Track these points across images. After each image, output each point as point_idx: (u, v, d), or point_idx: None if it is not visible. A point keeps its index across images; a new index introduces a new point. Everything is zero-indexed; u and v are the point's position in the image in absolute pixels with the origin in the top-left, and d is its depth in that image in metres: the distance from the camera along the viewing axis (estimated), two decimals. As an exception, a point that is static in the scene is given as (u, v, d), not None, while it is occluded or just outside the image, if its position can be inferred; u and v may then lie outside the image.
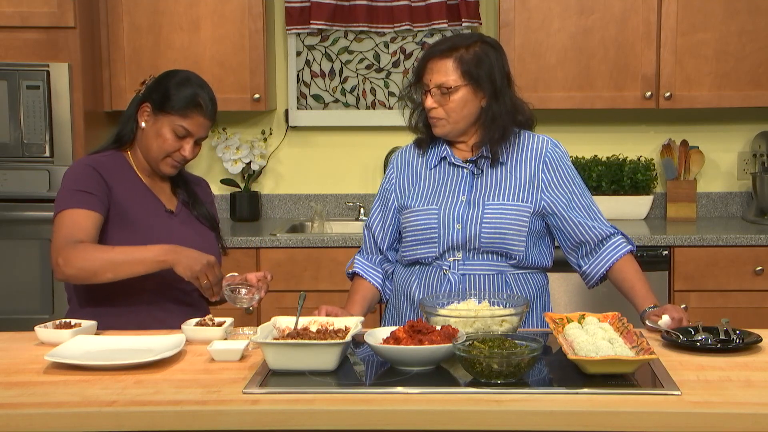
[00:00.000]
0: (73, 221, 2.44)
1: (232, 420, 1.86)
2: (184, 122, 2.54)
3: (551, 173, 2.60)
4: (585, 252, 2.63)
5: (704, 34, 4.10)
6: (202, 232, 2.67)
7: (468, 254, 2.57)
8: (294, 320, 2.27)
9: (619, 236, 2.63)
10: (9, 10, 3.91)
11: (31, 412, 1.87)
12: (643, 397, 1.91)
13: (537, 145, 2.62)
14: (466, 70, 2.53)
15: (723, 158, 4.53)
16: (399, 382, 2.00)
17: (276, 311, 3.79)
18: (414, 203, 2.63)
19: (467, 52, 2.54)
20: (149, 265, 2.40)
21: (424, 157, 2.68)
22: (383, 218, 2.72)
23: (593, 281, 2.64)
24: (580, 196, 2.62)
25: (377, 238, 2.72)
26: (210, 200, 2.80)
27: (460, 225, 2.55)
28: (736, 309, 3.88)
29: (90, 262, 2.39)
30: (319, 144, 4.63)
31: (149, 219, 2.57)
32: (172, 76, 2.60)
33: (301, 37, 4.54)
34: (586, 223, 2.60)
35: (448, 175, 2.63)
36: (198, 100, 2.55)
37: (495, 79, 2.55)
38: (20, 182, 3.86)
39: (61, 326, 2.39)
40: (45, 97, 3.87)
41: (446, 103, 2.55)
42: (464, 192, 2.60)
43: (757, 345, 2.25)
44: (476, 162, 2.61)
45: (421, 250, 2.60)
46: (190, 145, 2.56)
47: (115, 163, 2.60)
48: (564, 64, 4.15)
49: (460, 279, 2.56)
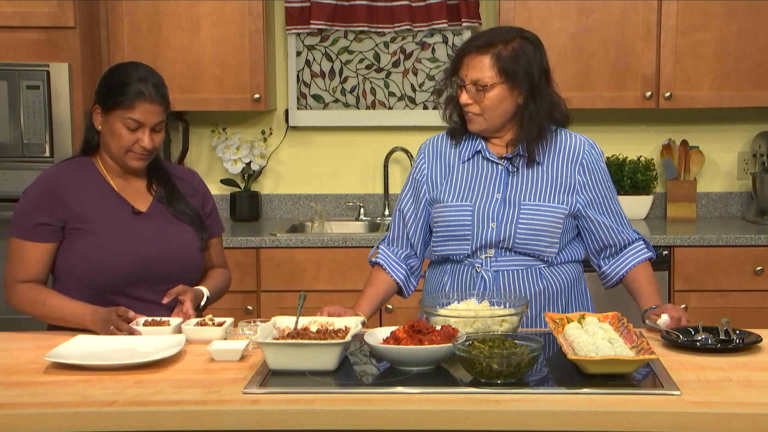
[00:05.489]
0: (23, 256, 2.56)
1: (232, 420, 1.86)
2: (131, 114, 2.53)
3: (588, 176, 2.58)
4: (608, 254, 2.63)
5: (704, 34, 4.10)
6: (174, 231, 2.64)
7: (500, 252, 2.54)
8: (294, 320, 2.27)
9: (641, 242, 2.64)
10: (9, 10, 3.91)
11: (31, 412, 1.87)
12: (643, 397, 1.91)
13: (574, 146, 2.59)
14: (503, 67, 2.48)
15: (723, 158, 4.53)
16: (399, 382, 2.00)
17: (276, 311, 3.80)
18: (446, 197, 2.59)
19: (505, 49, 2.49)
20: (75, 325, 2.50)
21: (458, 149, 2.63)
22: (415, 209, 2.66)
23: (611, 282, 2.65)
24: (611, 200, 2.61)
25: (409, 228, 2.65)
26: (194, 193, 2.75)
27: (494, 224, 2.53)
28: (736, 309, 3.88)
29: (26, 309, 2.57)
30: (319, 144, 4.63)
31: (111, 224, 2.57)
32: (112, 72, 2.61)
33: (301, 37, 4.54)
34: (615, 227, 2.60)
35: (482, 171, 2.59)
36: (139, 88, 2.53)
37: (533, 76, 2.50)
38: (20, 182, 3.85)
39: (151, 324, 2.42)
40: (45, 97, 3.87)
41: (481, 99, 2.50)
42: (499, 190, 2.56)
43: (757, 345, 2.25)
44: (512, 160, 2.57)
45: (453, 246, 2.57)
46: (146, 135, 2.55)
47: (81, 171, 2.62)
48: (564, 64, 4.14)
49: (494, 276, 2.54)
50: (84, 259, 2.54)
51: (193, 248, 2.66)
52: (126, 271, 2.54)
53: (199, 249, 2.68)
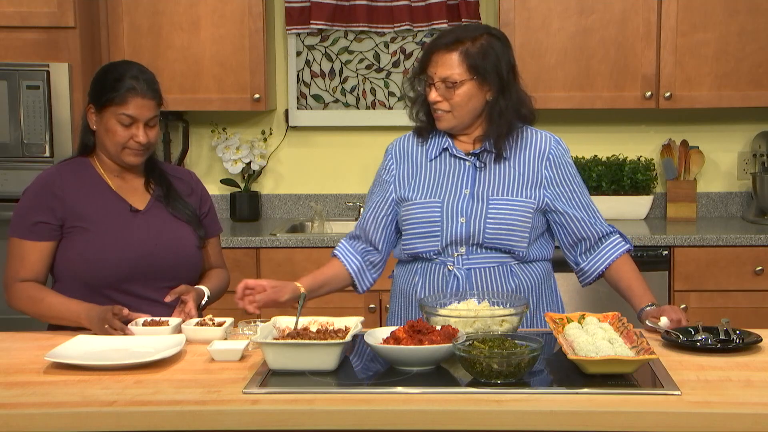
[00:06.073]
0: (21, 255, 2.58)
1: (232, 420, 1.86)
2: (125, 109, 2.54)
3: (554, 170, 2.59)
4: (583, 249, 2.62)
5: (704, 34, 4.10)
6: (172, 228, 2.66)
7: (471, 249, 2.55)
8: (294, 320, 2.27)
9: (617, 235, 2.63)
10: (9, 10, 3.91)
11: (31, 412, 1.87)
12: (643, 397, 1.91)
13: (540, 142, 2.61)
14: (472, 64, 2.49)
15: (723, 158, 4.53)
16: (399, 382, 2.00)
17: (276, 311, 3.79)
18: (415, 195, 2.60)
19: (473, 45, 2.50)
20: (71, 323, 2.52)
21: (424, 147, 2.65)
22: (381, 208, 2.66)
23: (590, 278, 2.64)
24: (581, 194, 2.62)
25: (372, 226, 2.66)
26: (192, 192, 2.76)
27: (464, 219, 2.54)
28: (736, 309, 3.88)
29: (25, 308, 2.59)
30: (319, 144, 4.63)
31: (109, 222, 2.59)
32: (102, 70, 2.63)
33: (301, 37, 4.54)
34: (587, 219, 2.60)
35: (449, 167, 2.61)
36: (131, 84, 2.54)
37: (501, 72, 2.52)
38: (20, 182, 3.83)
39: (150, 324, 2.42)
40: (45, 97, 3.87)
41: (451, 97, 2.52)
42: (467, 185, 2.57)
43: (757, 345, 2.25)
44: (479, 155, 2.59)
45: (422, 243, 2.58)
46: (141, 130, 2.56)
47: (78, 171, 2.64)
48: (564, 64, 4.15)
49: (466, 274, 2.55)
50: (82, 257, 2.55)
51: (190, 246, 2.67)
52: (123, 268, 2.55)
53: (196, 247, 2.68)
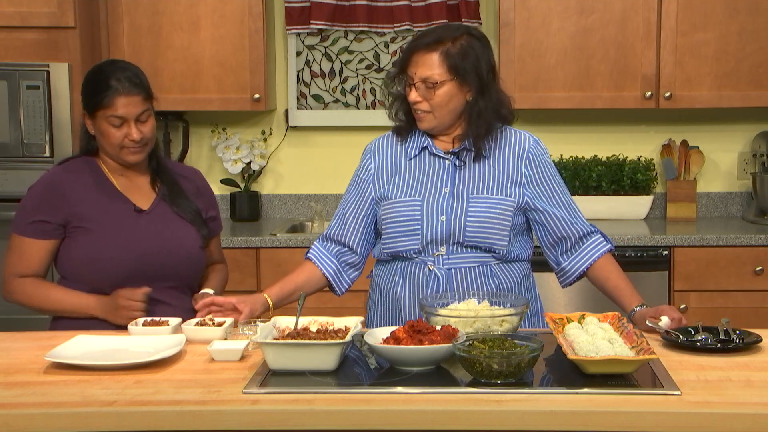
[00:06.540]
0: (22, 251, 2.60)
1: (232, 420, 1.86)
2: (113, 111, 2.54)
3: (533, 169, 2.59)
4: (564, 248, 2.61)
5: (704, 34, 4.10)
6: (177, 227, 2.66)
7: (452, 248, 2.54)
8: (294, 320, 2.27)
9: (599, 235, 2.62)
10: (9, 10, 3.91)
11: (31, 412, 1.87)
12: (643, 397, 1.91)
13: (519, 142, 2.61)
14: (452, 64, 2.49)
15: (723, 158, 4.53)
16: (399, 382, 2.00)
17: (276, 311, 3.79)
18: (394, 194, 2.59)
19: (453, 46, 2.50)
20: (81, 315, 2.56)
21: (403, 147, 2.65)
22: (358, 208, 2.65)
23: (571, 278, 2.63)
24: (561, 193, 2.62)
25: (349, 226, 2.65)
26: (197, 191, 2.77)
27: (444, 217, 2.53)
28: (736, 309, 3.88)
29: (27, 302, 2.62)
30: (319, 144, 4.63)
31: (113, 222, 2.59)
32: (87, 76, 2.63)
33: (301, 37, 4.54)
34: (568, 218, 2.60)
35: (429, 166, 2.60)
36: (110, 83, 2.54)
37: (481, 73, 2.52)
38: (20, 182, 3.86)
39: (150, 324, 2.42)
40: (45, 97, 3.87)
41: (431, 97, 2.52)
42: (447, 184, 2.57)
43: (757, 345, 2.25)
44: (458, 154, 2.59)
45: (402, 242, 2.56)
46: (133, 128, 2.56)
47: (84, 170, 2.65)
48: (564, 64, 4.15)
49: (447, 274, 2.54)
50: (86, 257, 2.56)
51: (194, 246, 2.68)
52: (126, 268, 2.56)
53: (200, 247, 2.69)
